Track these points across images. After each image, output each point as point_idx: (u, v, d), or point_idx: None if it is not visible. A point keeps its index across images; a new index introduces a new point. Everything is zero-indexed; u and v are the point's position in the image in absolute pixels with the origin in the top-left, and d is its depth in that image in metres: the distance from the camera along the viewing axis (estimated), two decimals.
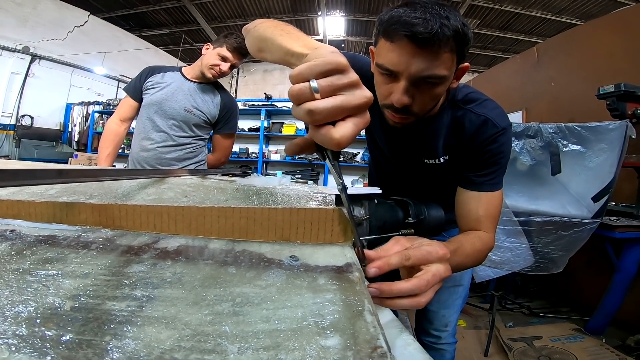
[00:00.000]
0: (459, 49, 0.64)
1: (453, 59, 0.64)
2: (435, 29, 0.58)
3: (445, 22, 0.59)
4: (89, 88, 6.46)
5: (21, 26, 5.47)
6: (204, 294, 0.29)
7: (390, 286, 0.43)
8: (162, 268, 0.32)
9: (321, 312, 0.27)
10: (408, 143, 0.89)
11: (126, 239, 0.37)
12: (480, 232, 0.76)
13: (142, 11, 7.71)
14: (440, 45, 0.60)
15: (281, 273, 0.32)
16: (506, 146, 0.78)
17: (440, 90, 0.68)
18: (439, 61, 0.62)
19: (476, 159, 0.79)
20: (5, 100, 5.32)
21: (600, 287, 2.21)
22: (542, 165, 2.19)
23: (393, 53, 0.63)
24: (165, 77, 1.63)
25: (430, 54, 0.61)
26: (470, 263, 0.71)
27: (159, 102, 1.58)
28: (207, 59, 1.57)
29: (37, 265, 0.33)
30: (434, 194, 0.93)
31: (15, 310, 0.26)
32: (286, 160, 4.72)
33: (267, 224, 0.37)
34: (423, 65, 0.62)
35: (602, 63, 2.95)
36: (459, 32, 0.61)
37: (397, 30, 0.61)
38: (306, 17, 8.18)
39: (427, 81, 0.64)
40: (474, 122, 0.78)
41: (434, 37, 0.58)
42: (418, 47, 0.60)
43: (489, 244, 0.76)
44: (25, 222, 0.42)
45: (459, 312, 1.13)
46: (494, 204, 0.79)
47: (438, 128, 0.83)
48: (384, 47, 0.66)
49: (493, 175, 0.78)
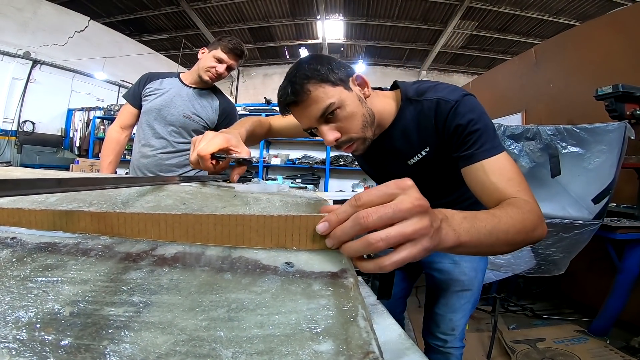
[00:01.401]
0: (322, 81, 0.76)
1: (325, 89, 0.76)
2: (289, 91, 0.76)
3: (293, 80, 0.76)
4: (90, 93, 6.48)
5: (22, 31, 5.49)
6: (200, 300, 0.29)
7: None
8: (159, 275, 0.33)
9: (315, 318, 0.27)
10: (386, 156, 0.97)
11: (125, 246, 0.38)
12: (511, 199, 0.65)
13: (141, 16, 7.78)
14: (303, 94, 0.75)
15: (276, 279, 0.33)
16: (471, 114, 0.76)
17: (348, 110, 0.79)
18: (316, 100, 0.76)
19: (453, 138, 0.78)
20: (6, 106, 5.33)
21: (604, 288, 2.20)
22: (541, 167, 2.20)
23: (298, 119, 0.83)
24: (163, 83, 1.64)
25: (305, 102, 0.77)
26: (505, 229, 0.54)
27: (158, 109, 1.59)
28: (203, 62, 1.58)
29: (37, 272, 0.33)
30: (436, 191, 0.94)
31: (15, 315, 0.26)
32: (286, 164, 4.73)
33: (263, 231, 0.38)
34: (311, 111, 0.78)
35: (600, 64, 2.95)
36: (307, 75, 0.75)
37: (283, 109, 0.82)
38: (305, 21, 8.24)
39: (329, 113, 0.77)
40: (431, 107, 0.81)
41: (294, 95, 0.76)
42: (296, 106, 0.79)
43: (525, 205, 0.61)
44: (25, 230, 0.43)
45: (467, 316, 1.10)
46: (504, 167, 0.72)
47: (405, 127, 0.88)
48: (295, 119, 0.86)
49: (480, 142, 0.74)
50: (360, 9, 7.60)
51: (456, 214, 0.48)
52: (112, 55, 6.72)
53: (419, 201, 0.38)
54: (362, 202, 0.38)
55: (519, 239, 0.57)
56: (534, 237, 0.60)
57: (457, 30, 8.01)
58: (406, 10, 7.53)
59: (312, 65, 0.77)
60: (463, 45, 8.77)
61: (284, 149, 4.96)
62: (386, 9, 7.54)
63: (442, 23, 7.83)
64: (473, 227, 0.48)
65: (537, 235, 0.61)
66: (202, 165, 0.59)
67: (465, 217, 0.49)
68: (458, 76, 10.12)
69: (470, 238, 0.47)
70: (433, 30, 8.15)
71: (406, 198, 0.38)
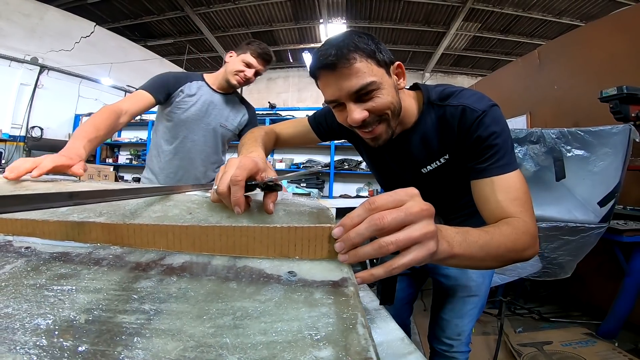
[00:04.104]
0: (369, 56, 0.71)
1: (370, 65, 0.71)
2: (332, 52, 0.69)
3: (340, 44, 0.70)
4: (97, 99, 6.53)
5: (29, 37, 5.53)
6: (207, 308, 0.31)
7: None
8: (168, 283, 0.34)
9: (316, 325, 0.29)
10: (400, 161, 0.93)
11: (134, 256, 0.40)
12: (507, 218, 0.68)
13: (146, 21, 7.89)
14: (346, 61, 0.69)
15: (279, 288, 0.34)
16: (495, 126, 0.75)
17: (383, 94, 0.73)
18: (357, 73, 0.70)
19: (471, 148, 0.77)
20: (14, 112, 5.38)
21: (612, 290, 2.18)
22: (546, 171, 2.18)
23: (325, 87, 0.75)
24: (192, 87, 1.54)
25: (344, 70, 0.70)
26: (496, 246, 0.58)
27: (196, 120, 1.52)
28: (231, 66, 1.52)
29: (52, 281, 0.35)
30: (442, 200, 0.94)
31: (34, 322, 0.28)
32: (291, 168, 4.75)
33: (266, 242, 0.39)
34: (347, 82, 0.70)
35: (604, 65, 2.93)
36: (357, 44, 0.70)
37: (314, 69, 0.75)
38: (308, 25, 8.29)
39: (364, 92, 0.72)
40: (455, 115, 0.79)
41: (336, 57, 0.69)
42: (332, 71, 0.71)
43: (522, 226, 0.64)
44: (39, 240, 0.45)
45: (473, 321, 1.10)
46: (513, 185, 0.72)
47: (426, 132, 0.85)
48: (320, 87, 0.77)
49: (496, 158, 0.74)
50: (362, 12, 7.64)
51: (449, 229, 0.51)
52: (117, 61, 6.79)
53: (426, 206, 0.42)
54: (377, 205, 0.41)
55: (509, 256, 0.61)
56: (524, 256, 0.64)
57: (460, 32, 8.01)
58: (408, 13, 7.55)
59: (362, 37, 0.72)
60: (466, 46, 8.77)
61: (289, 153, 4.99)
62: (388, 12, 7.57)
63: (444, 25, 7.84)
64: (465, 240, 0.52)
65: (528, 255, 0.65)
66: (234, 195, 0.47)
67: (458, 231, 0.52)
68: (462, 78, 10.09)
69: (463, 251, 0.51)
70: (436, 32, 8.16)
71: (415, 204, 0.42)
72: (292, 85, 10.68)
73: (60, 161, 0.72)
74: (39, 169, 0.66)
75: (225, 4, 7.44)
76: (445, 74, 10.20)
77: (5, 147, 5.24)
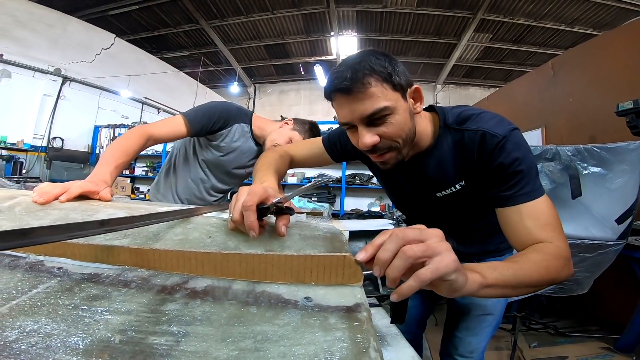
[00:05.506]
0: (384, 79, 0.69)
1: (385, 90, 0.70)
2: (348, 76, 0.68)
3: (356, 67, 0.68)
4: (116, 110, 6.72)
5: (52, 48, 5.64)
6: (230, 331, 0.33)
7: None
8: (192, 307, 0.37)
9: (331, 349, 0.31)
10: (416, 182, 0.91)
11: (160, 279, 0.42)
12: (537, 244, 0.67)
13: (163, 34, 8.15)
14: (361, 85, 0.68)
15: (297, 313, 0.37)
16: (517, 152, 0.72)
17: (397, 119, 0.72)
18: (372, 97, 0.69)
19: (494, 175, 0.74)
20: (37, 123, 5.51)
21: (630, 305, 2.12)
22: (562, 188, 2.15)
23: (339, 109, 0.75)
24: (235, 134, 1.45)
25: (358, 94, 0.69)
26: (527, 273, 0.59)
27: (229, 164, 1.51)
28: (277, 136, 1.42)
29: (85, 302, 0.38)
30: (457, 223, 0.95)
31: (73, 341, 0.31)
32: (302, 182, 4.78)
33: (284, 268, 0.42)
34: (361, 106, 0.70)
35: (620, 77, 2.88)
36: (373, 67, 0.68)
37: (329, 92, 0.74)
38: (319, 38, 8.42)
39: (377, 117, 0.71)
40: (474, 140, 0.76)
41: (351, 82, 0.68)
42: (347, 95, 0.70)
43: (553, 250, 0.64)
44: (70, 261, 0.48)
45: (487, 339, 1.09)
46: (541, 211, 0.70)
47: (442, 157, 0.83)
48: (334, 108, 0.76)
49: (521, 184, 0.71)
50: (372, 24, 7.72)
51: (477, 264, 0.54)
52: (135, 73, 6.96)
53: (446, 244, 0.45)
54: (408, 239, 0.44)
55: (543, 282, 0.62)
56: (557, 280, 0.64)
57: (471, 43, 8.01)
58: (419, 25, 7.60)
59: (380, 59, 0.70)
60: (478, 57, 8.74)
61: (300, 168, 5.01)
62: (399, 24, 7.63)
63: (455, 36, 7.86)
64: (495, 269, 0.54)
65: (562, 278, 0.64)
66: (247, 219, 0.48)
67: (486, 264, 0.55)
68: (474, 89, 10.01)
69: (496, 280, 0.53)
70: (447, 43, 8.18)
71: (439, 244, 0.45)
72: (304, 98, 10.80)
73: (87, 187, 0.76)
74: (67, 194, 0.69)
75: (239, 17, 7.64)
76: (458, 86, 10.14)
77: (26, 157, 5.40)
